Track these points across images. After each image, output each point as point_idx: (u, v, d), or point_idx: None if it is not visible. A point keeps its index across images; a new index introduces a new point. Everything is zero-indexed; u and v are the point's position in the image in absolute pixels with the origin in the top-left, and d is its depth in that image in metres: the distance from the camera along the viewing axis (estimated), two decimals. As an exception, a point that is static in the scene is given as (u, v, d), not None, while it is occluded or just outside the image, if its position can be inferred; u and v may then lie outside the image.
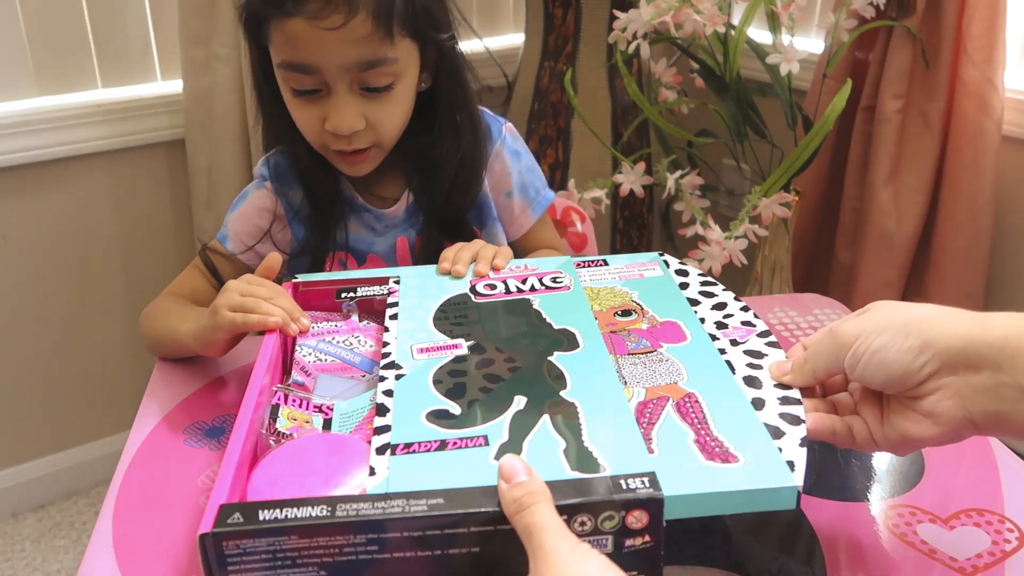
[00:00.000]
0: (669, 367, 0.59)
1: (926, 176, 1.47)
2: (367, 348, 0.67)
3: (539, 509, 0.42)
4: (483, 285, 0.71)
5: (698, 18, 1.32)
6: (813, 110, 1.54)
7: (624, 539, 0.44)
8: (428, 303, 0.68)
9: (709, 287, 0.70)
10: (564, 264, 0.74)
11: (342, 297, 0.73)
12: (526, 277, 0.72)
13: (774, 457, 0.49)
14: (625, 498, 0.44)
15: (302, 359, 0.66)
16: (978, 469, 0.65)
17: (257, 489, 0.50)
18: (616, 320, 0.65)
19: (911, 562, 0.56)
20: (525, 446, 0.50)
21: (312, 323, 0.70)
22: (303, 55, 0.77)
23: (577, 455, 0.49)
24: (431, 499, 0.44)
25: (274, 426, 0.57)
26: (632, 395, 0.55)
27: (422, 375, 0.58)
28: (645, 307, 0.67)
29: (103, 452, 1.69)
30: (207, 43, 1.46)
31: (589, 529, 0.44)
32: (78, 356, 1.63)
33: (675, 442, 0.50)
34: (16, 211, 1.48)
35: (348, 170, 0.87)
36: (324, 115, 0.80)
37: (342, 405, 0.60)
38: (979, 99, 1.39)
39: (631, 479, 0.45)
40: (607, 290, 0.70)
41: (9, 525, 1.62)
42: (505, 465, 0.45)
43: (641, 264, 0.74)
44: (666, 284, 0.71)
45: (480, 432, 0.51)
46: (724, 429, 0.51)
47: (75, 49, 1.44)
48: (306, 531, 0.43)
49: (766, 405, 0.54)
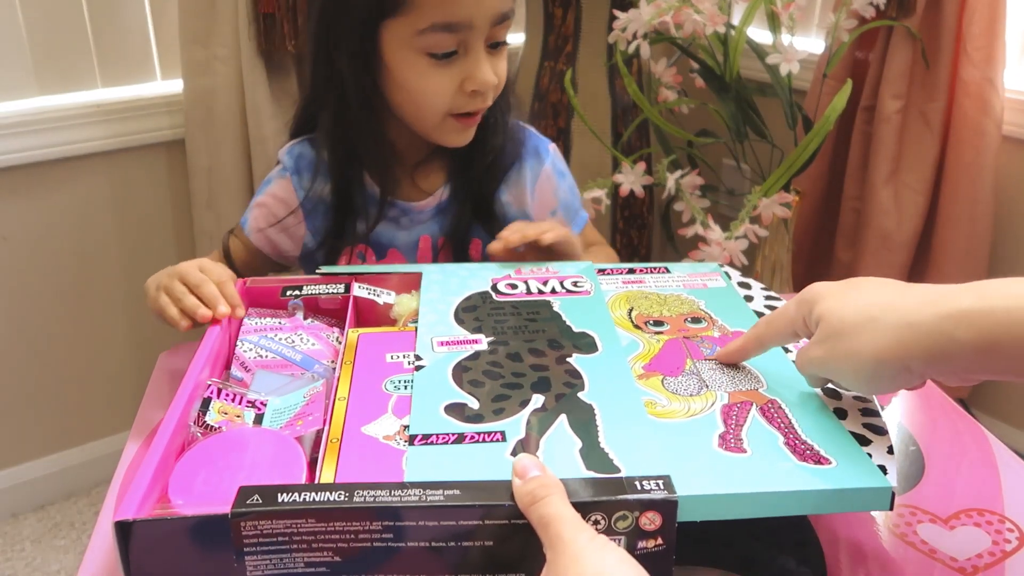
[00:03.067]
0: (747, 374, 0.59)
1: (926, 176, 1.47)
2: (309, 346, 0.67)
3: (553, 501, 0.42)
4: (504, 284, 0.71)
5: (698, 18, 1.32)
6: (813, 110, 1.54)
7: (637, 540, 0.44)
8: (450, 298, 0.69)
9: (774, 301, 0.70)
10: (585, 269, 0.74)
11: (287, 295, 0.73)
12: (547, 279, 0.72)
13: (865, 461, 0.50)
14: (640, 499, 0.44)
15: (242, 354, 0.66)
16: (978, 469, 0.65)
17: (178, 481, 0.50)
18: (687, 327, 0.65)
19: (911, 562, 0.56)
20: (541, 444, 0.50)
21: (256, 319, 0.70)
22: (459, 12, 0.78)
23: (593, 455, 0.49)
24: (448, 490, 0.44)
25: (203, 419, 0.57)
26: (715, 399, 0.56)
27: (441, 368, 0.58)
28: (714, 316, 0.67)
29: (103, 452, 1.69)
30: (207, 43, 1.46)
31: (603, 528, 0.44)
32: (78, 356, 1.63)
33: (766, 442, 0.51)
34: (16, 211, 1.48)
35: (460, 137, 0.87)
36: (461, 76, 0.81)
37: (276, 401, 0.60)
38: (979, 99, 1.39)
39: (646, 481, 0.45)
40: (674, 297, 0.70)
41: (9, 525, 1.62)
42: (518, 463, 0.45)
43: (704, 275, 0.74)
44: (731, 295, 0.71)
45: (497, 428, 0.52)
46: (811, 434, 0.52)
47: (75, 49, 1.44)
48: (323, 515, 0.43)
49: (848, 416, 0.55)
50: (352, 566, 0.45)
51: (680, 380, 0.58)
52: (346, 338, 0.65)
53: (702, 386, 0.57)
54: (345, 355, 0.62)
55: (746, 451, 0.50)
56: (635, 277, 0.74)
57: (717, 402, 0.55)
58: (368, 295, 0.72)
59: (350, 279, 0.73)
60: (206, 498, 0.48)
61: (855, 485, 0.48)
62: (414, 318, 0.68)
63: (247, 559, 0.44)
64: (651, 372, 0.59)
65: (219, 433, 0.55)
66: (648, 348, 0.62)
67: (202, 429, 0.56)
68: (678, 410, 0.54)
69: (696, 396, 0.56)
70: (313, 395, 0.59)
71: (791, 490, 0.47)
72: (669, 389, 0.57)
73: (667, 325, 0.66)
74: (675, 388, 0.57)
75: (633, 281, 0.73)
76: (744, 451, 0.50)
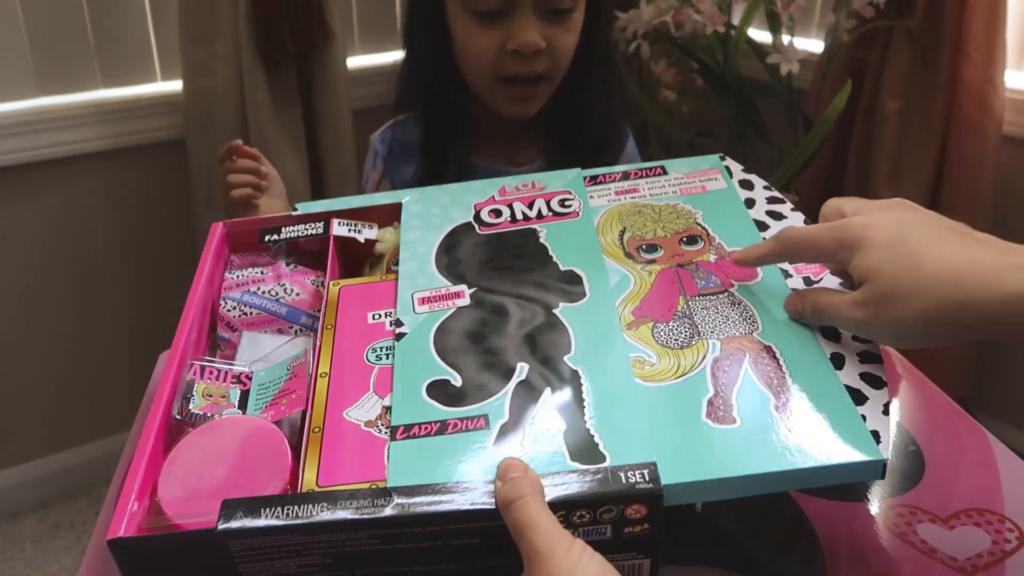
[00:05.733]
0: (742, 313, 0.56)
1: (926, 176, 1.47)
2: (294, 297, 0.66)
3: (527, 507, 0.42)
4: (488, 211, 0.68)
5: (698, 18, 1.32)
6: (813, 110, 1.54)
7: (623, 527, 0.45)
8: (431, 236, 0.65)
9: (776, 205, 0.65)
10: (573, 182, 0.70)
11: (267, 240, 0.69)
12: (533, 200, 0.68)
13: (858, 427, 0.48)
14: (623, 493, 0.44)
15: (226, 314, 0.65)
16: (978, 469, 0.65)
17: (168, 481, 0.50)
18: (683, 249, 0.62)
19: (911, 562, 0.56)
20: (526, 428, 0.49)
21: (237, 271, 0.68)
22: None
23: (578, 441, 0.48)
24: (430, 495, 0.44)
25: (188, 408, 0.55)
26: (707, 348, 0.53)
27: (423, 334, 0.56)
28: (711, 232, 0.63)
29: (103, 452, 1.69)
30: (207, 43, 1.46)
31: (588, 520, 0.44)
32: (78, 356, 1.63)
33: (756, 408, 0.49)
34: (16, 211, 1.48)
35: (516, 107, 0.87)
36: (505, 37, 0.82)
37: (260, 373, 0.58)
38: (979, 99, 1.39)
39: (631, 472, 0.45)
40: (669, 209, 0.66)
41: (9, 525, 1.62)
42: (502, 465, 0.45)
43: (702, 173, 0.69)
44: (731, 202, 0.66)
45: (481, 411, 0.51)
46: (805, 392, 0.50)
47: (75, 49, 1.44)
48: (307, 530, 0.43)
49: (846, 363, 0.52)
50: (345, 564, 0.45)
51: (671, 327, 0.56)
52: (327, 292, 0.63)
53: (693, 334, 0.55)
54: (326, 317, 0.60)
55: (735, 421, 0.49)
56: (629, 184, 0.69)
57: (708, 354, 0.53)
58: (349, 232, 0.69)
59: (329, 216, 0.70)
60: (196, 501, 0.48)
61: (846, 460, 0.46)
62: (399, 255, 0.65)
63: (240, 565, 0.45)
64: (641, 318, 0.56)
65: (205, 426, 0.53)
66: (639, 284, 0.59)
67: (188, 419, 0.54)
68: (667, 368, 0.53)
69: (687, 348, 0.54)
70: (297, 367, 0.58)
71: (780, 471, 0.46)
72: (659, 341, 0.55)
73: (660, 250, 0.62)
74: (665, 339, 0.55)
75: (627, 190, 0.69)
76: (733, 421, 0.49)
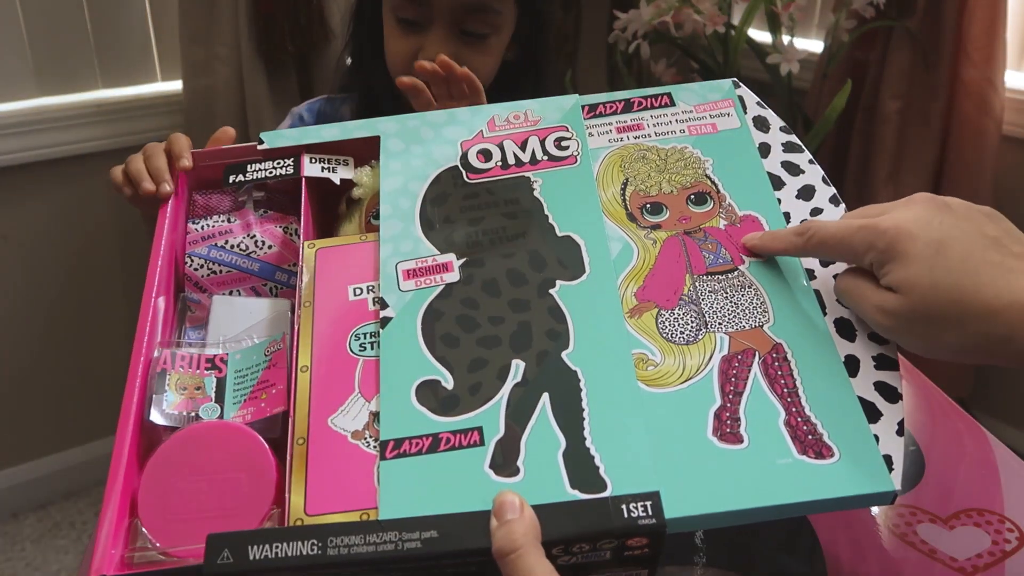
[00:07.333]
0: (753, 299, 0.53)
1: (926, 176, 1.47)
2: (266, 251, 0.60)
3: (521, 560, 0.40)
4: (476, 153, 0.61)
5: (698, 18, 1.32)
6: (813, 110, 1.54)
7: (623, 552, 0.44)
8: (414, 185, 0.59)
9: (793, 154, 0.61)
10: (570, 113, 0.63)
11: (232, 182, 0.61)
12: (526, 138, 0.62)
13: (871, 455, 0.46)
14: (626, 528, 0.42)
15: (193, 273, 0.59)
16: (978, 469, 0.65)
17: (149, 505, 0.48)
18: (690, 212, 0.58)
19: (911, 562, 0.56)
20: (523, 446, 0.47)
21: (202, 220, 0.62)
22: None
23: (577, 461, 0.46)
24: (424, 530, 0.43)
25: (162, 406, 0.51)
26: (715, 345, 0.51)
27: (410, 317, 0.53)
28: (722, 189, 0.59)
29: (103, 452, 1.69)
30: (207, 43, 1.46)
31: (587, 549, 0.43)
32: (78, 356, 1.63)
33: (765, 424, 0.47)
34: (16, 211, 1.48)
35: None
36: (418, 47, 0.84)
37: (236, 357, 0.54)
38: (979, 99, 1.39)
39: (633, 504, 0.43)
40: (676, 156, 0.61)
41: (9, 525, 1.62)
42: (498, 501, 0.43)
43: (713, 105, 0.64)
44: (745, 149, 0.61)
45: (474, 423, 0.48)
46: (816, 405, 0.48)
47: (75, 49, 1.44)
48: (297, 570, 0.42)
49: (860, 369, 0.50)
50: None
51: (676, 316, 0.53)
52: (303, 254, 0.57)
53: (700, 326, 0.52)
54: (304, 292, 0.55)
55: (743, 440, 0.47)
56: (632, 117, 0.63)
57: (716, 353, 0.51)
58: (323, 172, 0.62)
59: (299, 151, 0.63)
60: (178, 523, 0.47)
61: (854, 492, 0.45)
62: (378, 205, 0.59)
63: None
64: (644, 302, 0.53)
65: (183, 434, 0.50)
66: (643, 257, 0.55)
67: (163, 418, 0.51)
68: (672, 371, 0.50)
69: (693, 344, 0.51)
70: (275, 355, 0.54)
71: (788, 503, 0.45)
72: (663, 334, 0.52)
73: (666, 212, 0.58)
74: (670, 332, 0.52)
75: (629, 126, 0.63)
76: (741, 440, 0.47)
